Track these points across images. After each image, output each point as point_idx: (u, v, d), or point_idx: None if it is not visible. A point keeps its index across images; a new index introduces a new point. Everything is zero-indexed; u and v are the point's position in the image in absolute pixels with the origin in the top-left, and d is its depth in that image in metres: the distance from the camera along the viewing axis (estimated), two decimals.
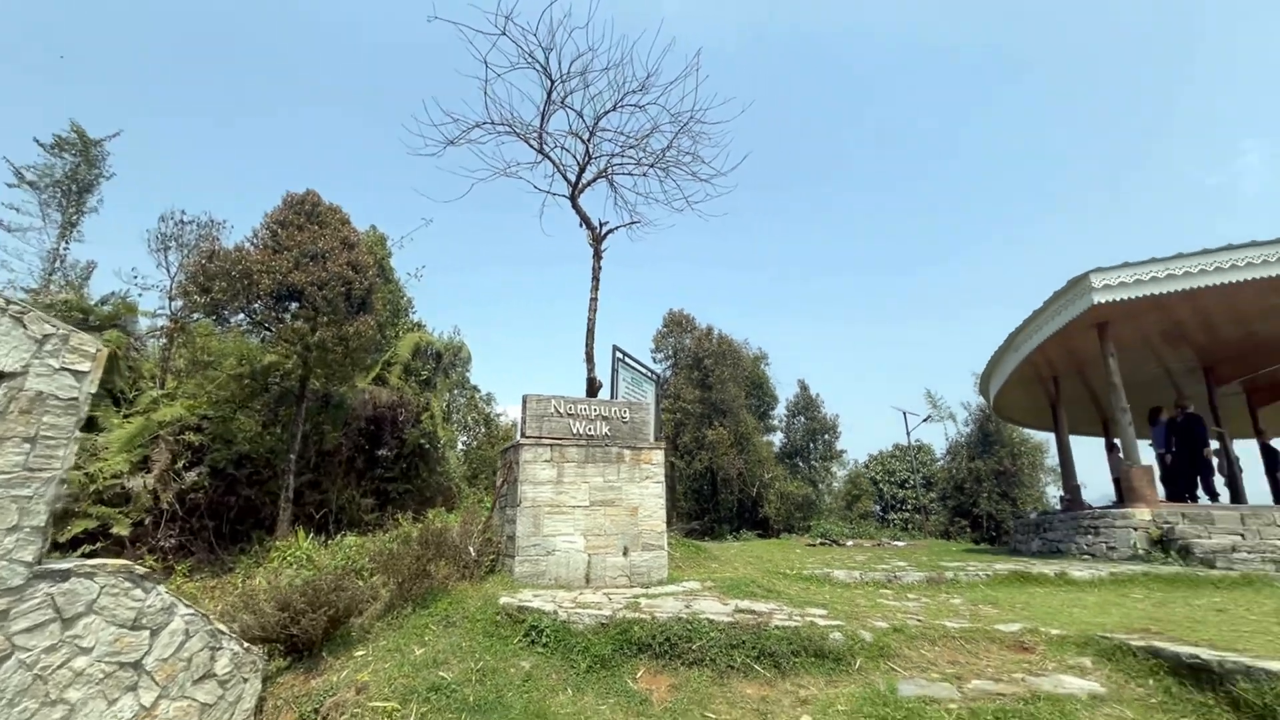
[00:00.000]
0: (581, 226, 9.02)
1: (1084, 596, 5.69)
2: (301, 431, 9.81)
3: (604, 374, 8.29)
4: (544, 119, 8.67)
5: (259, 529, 9.40)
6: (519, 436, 6.25)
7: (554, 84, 8.40)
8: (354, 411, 12.06)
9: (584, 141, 8.88)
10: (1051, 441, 17.19)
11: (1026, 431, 19.25)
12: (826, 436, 24.20)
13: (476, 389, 18.65)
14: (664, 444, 7.31)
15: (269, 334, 10.26)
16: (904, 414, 23.18)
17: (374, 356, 13.21)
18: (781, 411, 24.94)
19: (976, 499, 19.07)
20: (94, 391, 3.53)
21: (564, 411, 6.34)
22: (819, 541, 14.20)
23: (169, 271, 11.88)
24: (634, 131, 9.02)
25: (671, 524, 17.51)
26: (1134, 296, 8.44)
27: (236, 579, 7.51)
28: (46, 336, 3.34)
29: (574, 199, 8.96)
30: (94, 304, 11.00)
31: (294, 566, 7.20)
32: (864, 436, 76.14)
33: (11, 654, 2.97)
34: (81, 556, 6.92)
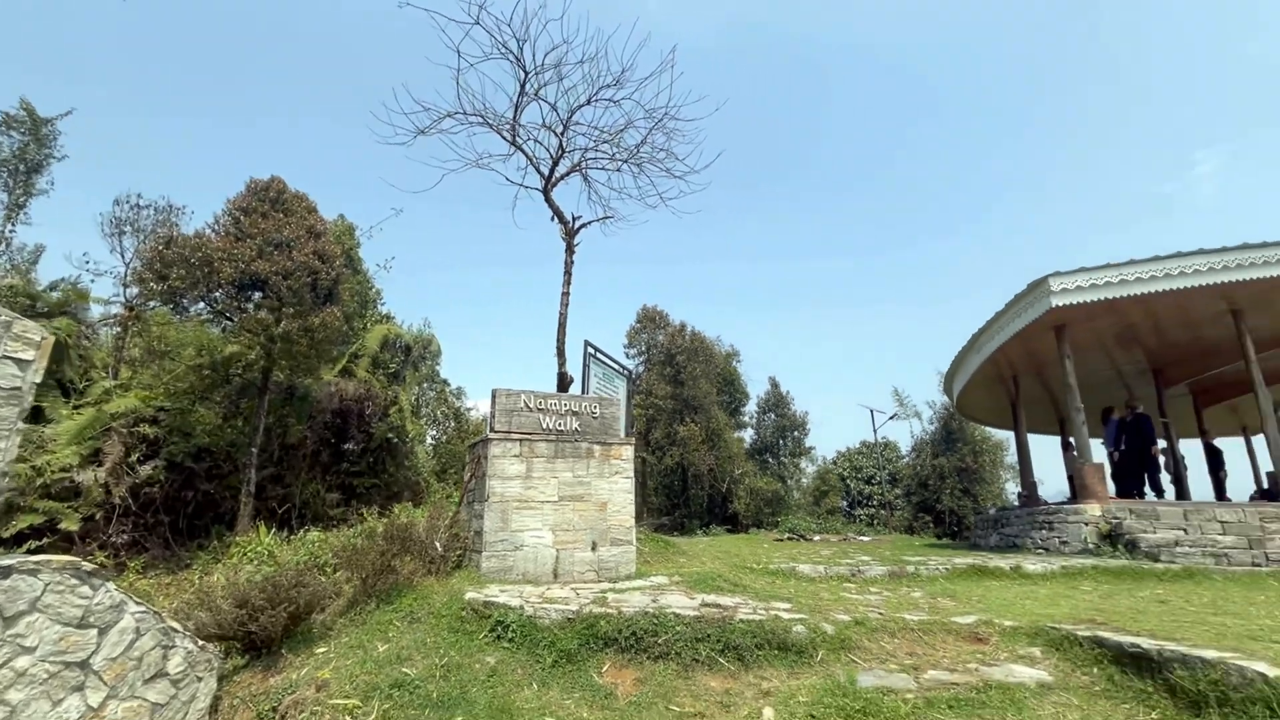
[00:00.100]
0: (554, 220, 8.97)
1: (1037, 589, 5.89)
2: (264, 424, 9.57)
3: (576, 369, 8.27)
4: (517, 111, 8.58)
5: (219, 524, 9.15)
6: (488, 431, 6.19)
7: (528, 76, 8.32)
8: (319, 404, 11.81)
9: (557, 135, 8.82)
10: (1011, 440, 17.73)
11: (988, 430, 19.79)
12: (796, 433, 24.55)
13: (446, 383, 18.42)
14: (634, 440, 7.33)
15: (230, 324, 9.97)
16: (871, 412, 23.66)
17: (341, 348, 12.93)
18: (753, 408, 25.22)
19: (940, 495, 19.56)
20: (39, 381, 3.39)
21: (534, 406, 6.31)
22: (787, 537, 14.41)
23: (124, 257, 11.46)
24: (608, 126, 8.99)
25: (642, 519, 17.57)
26: (1090, 300, 8.74)
27: (193, 576, 7.30)
28: None
29: (547, 192, 8.90)
30: (42, 290, 10.54)
31: (254, 562, 7.03)
32: (833, 433, 77.46)
33: None
34: (26, 553, 6.65)
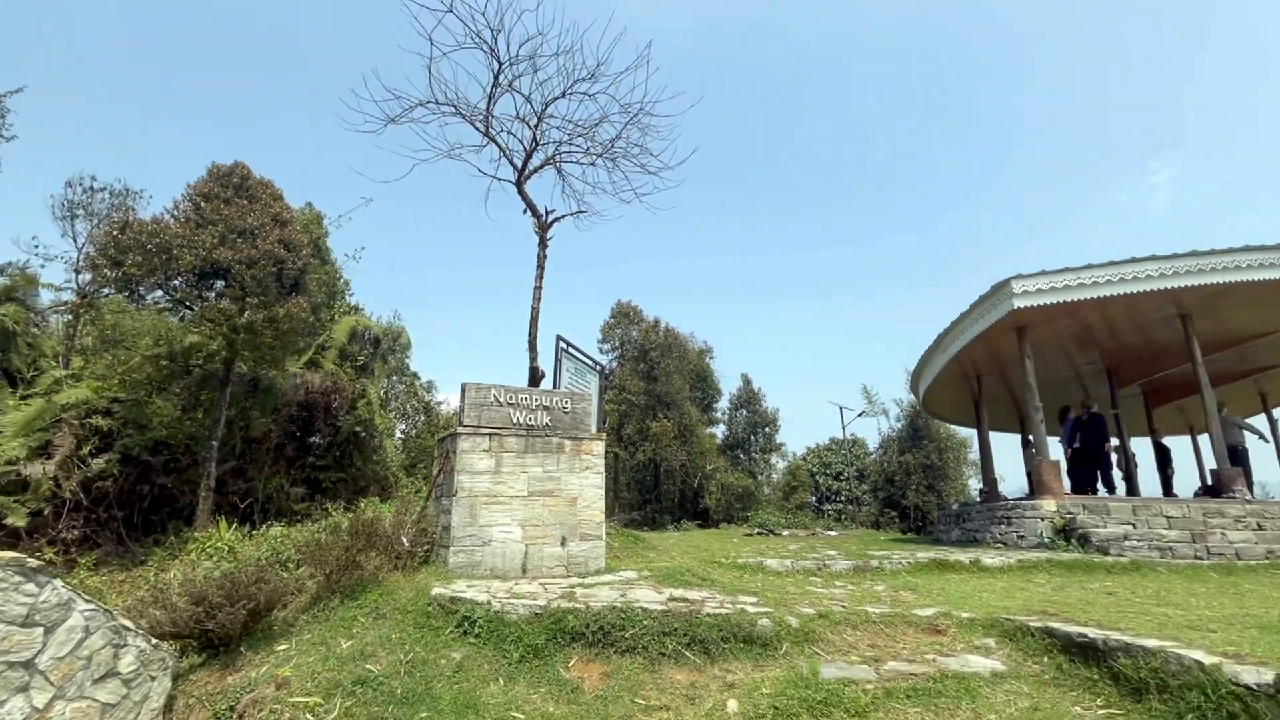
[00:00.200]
0: (526, 213, 8.88)
1: (994, 582, 6.09)
2: (226, 417, 9.30)
3: (548, 364, 8.23)
4: (490, 102, 8.47)
5: (176, 520, 8.88)
6: (457, 426, 6.13)
7: (502, 66, 8.21)
8: (284, 397, 11.53)
9: (531, 128, 8.73)
10: (975, 437, 18.24)
11: (952, 427, 20.30)
12: (767, 429, 24.84)
13: (416, 376, 18.17)
14: (605, 435, 7.33)
15: (190, 313, 9.66)
16: (840, 409, 24.06)
17: (307, 340, 12.63)
18: (725, 404, 25.42)
19: (905, 491, 20.01)
20: None
21: (504, 401, 6.26)
22: (756, 531, 14.59)
23: (76, 242, 11.01)
24: (583, 120, 8.93)
25: (613, 514, 17.61)
26: (1049, 303, 9.02)
27: (149, 572, 7.08)
28: None
29: (520, 185, 8.80)
30: None
31: (213, 558, 6.85)
32: (803, 430, 78.62)
33: None
34: None
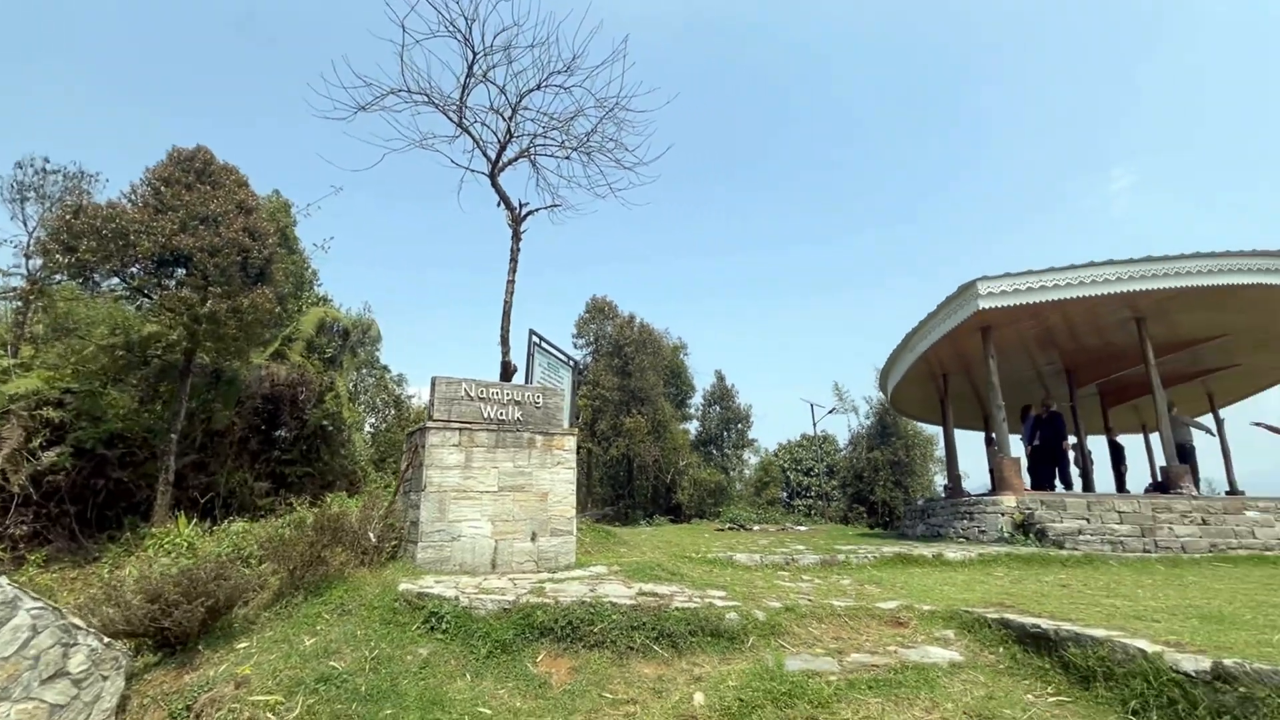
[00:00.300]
0: (500, 206, 8.80)
1: (955, 575, 6.25)
2: (186, 409, 9.03)
3: (521, 359, 8.18)
4: (464, 92, 8.35)
5: (133, 515, 8.60)
6: (427, 420, 6.06)
7: (476, 56, 8.10)
8: (249, 389, 11.24)
9: (505, 119, 8.64)
10: (941, 434, 18.70)
11: (920, 425, 20.76)
12: (740, 425, 25.07)
13: (387, 369, 17.88)
14: (577, 430, 7.32)
15: (149, 302, 9.34)
16: (811, 406, 24.41)
17: (273, 331, 12.33)
18: (698, 400, 25.59)
19: (873, 487, 20.41)
20: None
21: (475, 395, 6.20)
22: (728, 526, 14.74)
23: (26, 226, 10.54)
24: (558, 113, 8.87)
25: (586, 509, 17.60)
26: (1013, 304, 9.28)
27: (102, 569, 6.86)
28: None
29: (493, 177, 8.71)
30: None
31: (172, 555, 6.66)
32: (775, 426, 79.63)
33: None
34: None
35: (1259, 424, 11.35)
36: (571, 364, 8.87)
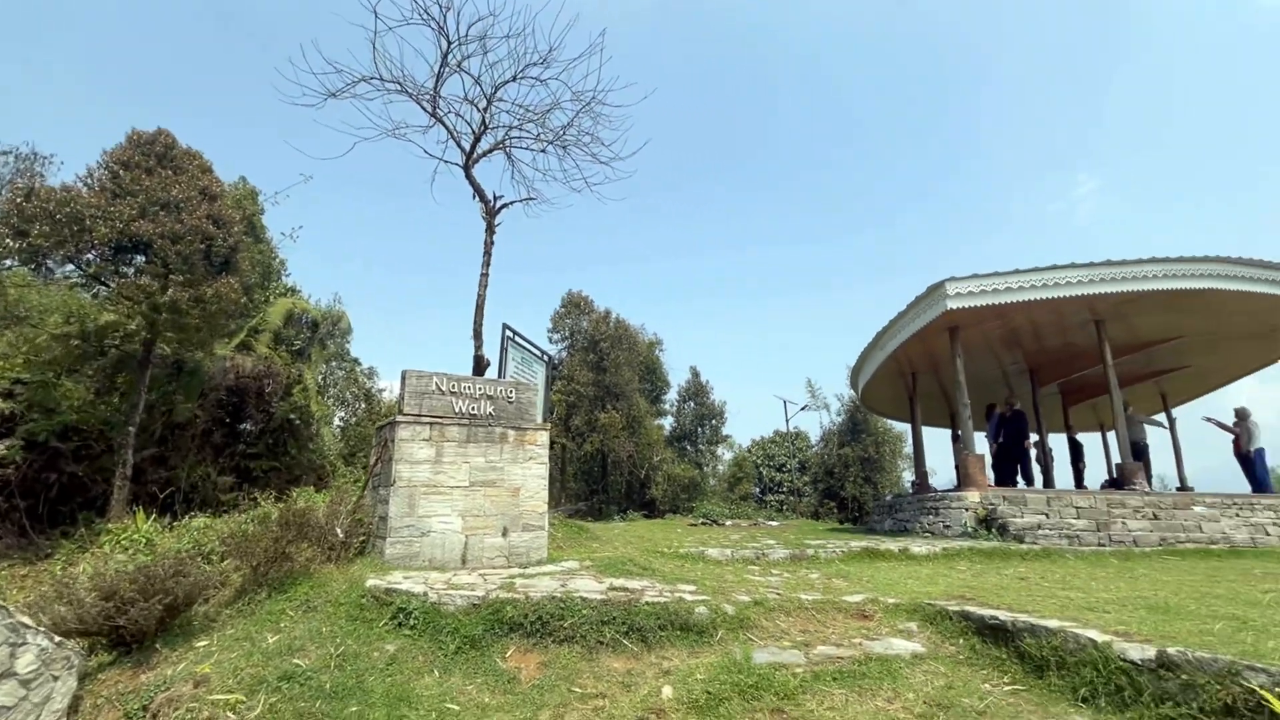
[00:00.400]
0: (475, 198, 8.69)
1: (920, 569, 6.40)
2: (145, 401, 8.75)
3: (494, 353, 8.10)
4: (438, 81, 8.22)
5: (88, 510, 8.31)
6: (398, 414, 5.98)
7: (450, 46, 7.97)
8: (212, 380, 10.95)
9: (480, 110, 8.52)
10: (909, 431, 19.09)
11: (889, 422, 21.17)
12: (714, 421, 25.24)
13: (357, 362, 17.57)
14: (550, 425, 7.30)
15: (106, 290, 9.01)
16: (784, 402, 24.70)
17: (239, 321, 12.01)
18: (673, 396, 25.68)
19: (844, 482, 20.76)
20: None
21: (446, 389, 6.14)
22: (700, 522, 14.83)
23: None
24: (534, 106, 8.79)
25: (559, 505, 17.56)
26: (980, 305, 9.50)
27: (54, 566, 6.61)
28: None
29: (468, 169, 8.59)
30: None
31: (129, 551, 6.46)
32: (749, 422, 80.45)
33: None
34: None
35: (1209, 419, 11.86)
36: (546, 359, 8.83)
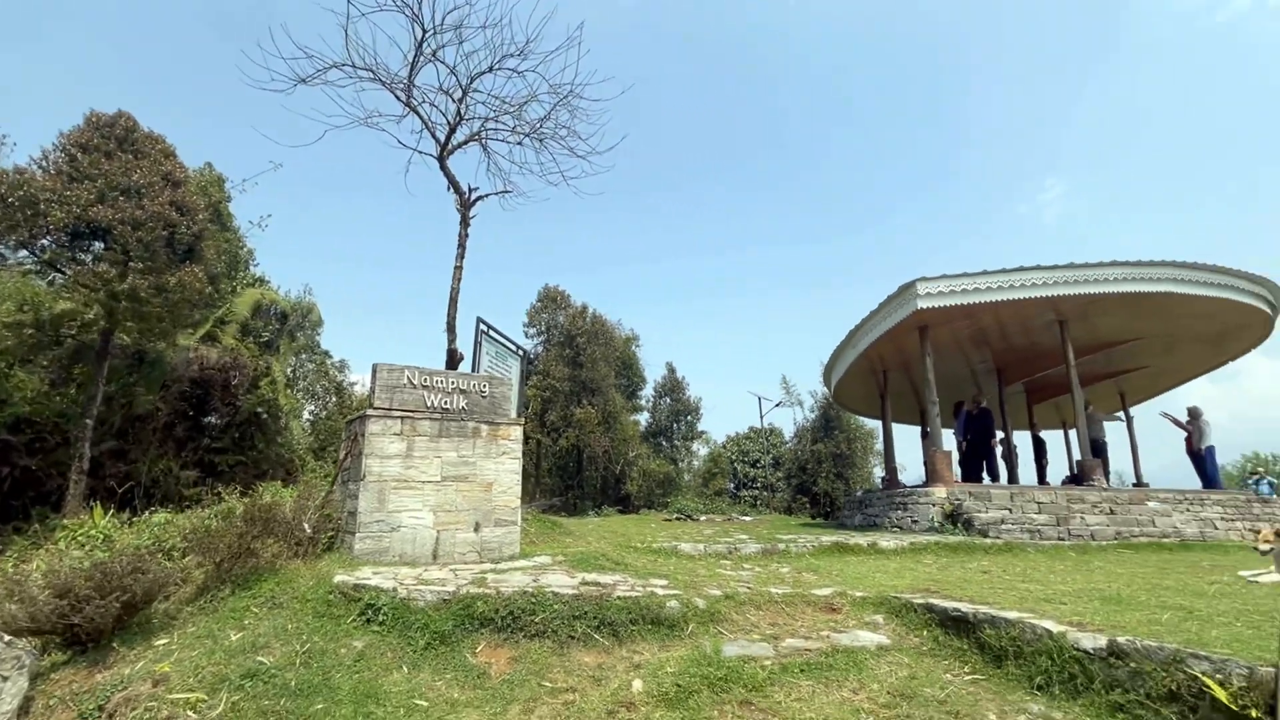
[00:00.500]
0: (449, 190, 8.57)
1: (887, 563, 6.54)
2: (103, 393, 8.48)
3: (468, 347, 8.02)
4: (413, 70, 8.07)
5: (42, 505, 8.05)
6: (368, 408, 5.89)
7: (425, 34, 7.84)
8: (175, 372, 10.65)
9: (455, 101, 8.40)
10: (880, 428, 19.43)
11: (861, 418, 21.51)
12: (689, 417, 25.38)
13: (328, 354, 17.23)
14: (524, 420, 7.26)
15: (62, 277, 8.69)
16: (759, 399, 24.94)
17: (203, 312, 11.70)
18: (649, 392, 25.75)
19: (816, 478, 21.05)
20: None
21: (418, 383, 6.06)
22: (675, 517, 14.92)
23: None
24: (510, 98, 8.69)
25: (534, 500, 17.49)
26: (949, 304, 9.70)
27: (6, 563, 6.37)
28: None
29: (442, 160, 8.47)
30: None
31: (85, 547, 6.26)
32: (724, 418, 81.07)
33: None
34: None
35: (1165, 415, 12.34)
36: (520, 353, 8.77)
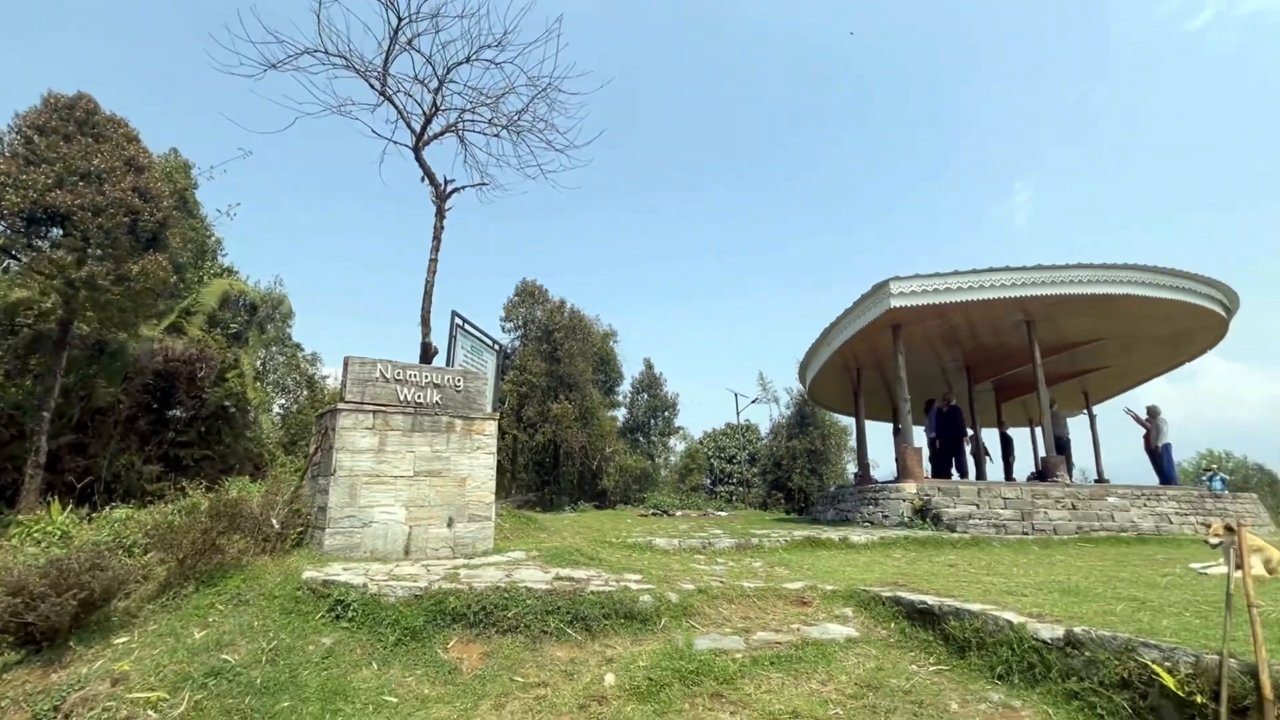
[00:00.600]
0: (424, 181, 8.44)
1: (858, 557, 6.65)
2: (61, 384, 8.21)
3: (442, 341, 7.93)
4: (388, 59, 7.92)
5: None
6: (339, 402, 5.80)
7: (401, 22, 7.69)
8: (138, 364, 10.36)
9: (431, 91, 8.26)
10: (854, 425, 19.71)
11: (835, 415, 21.82)
12: (667, 413, 25.47)
13: (299, 347, 16.93)
14: (500, 415, 7.21)
15: (18, 264, 8.38)
16: (735, 395, 25.13)
17: (168, 302, 11.39)
18: (627, 388, 25.76)
19: (791, 474, 21.32)
20: None
21: (391, 376, 5.98)
22: (651, 512, 14.96)
23: None
24: (487, 89, 8.59)
25: (510, 495, 17.39)
26: (922, 304, 9.88)
27: None
28: None
29: (418, 151, 8.33)
30: None
31: (41, 544, 6.04)
32: (702, 415, 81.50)
33: None
34: None
35: (1128, 411, 12.76)
36: (496, 348, 8.70)
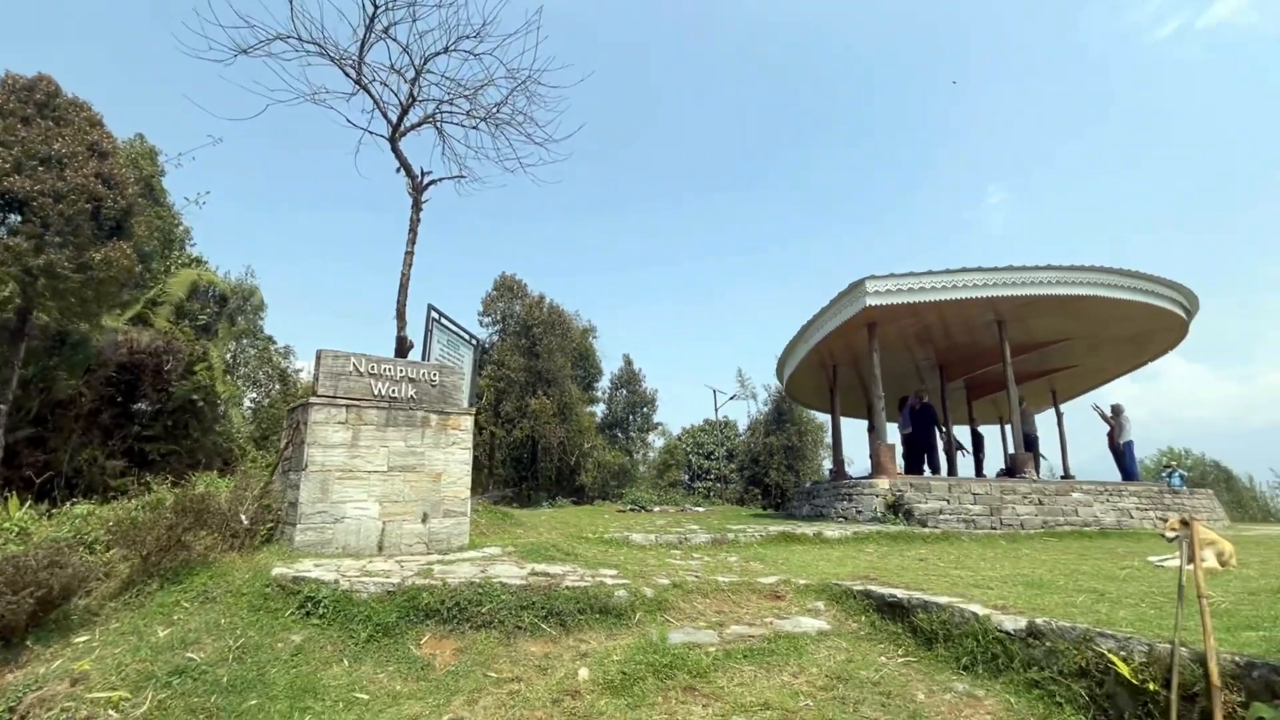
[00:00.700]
0: (400, 172, 8.32)
1: (831, 552, 6.75)
2: (19, 376, 7.94)
3: (419, 335, 7.84)
4: (363, 47, 7.77)
5: None
6: (311, 395, 5.70)
7: (377, 10, 7.56)
8: (101, 356, 10.06)
9: (408, 81, 8.14)
10: (830, 421, 19.95)
11: (812, 412, 22.04)
12: (645, 409, 25.51)
13: (271, 340, 16.60)
14: (477, 410, 7.16)
15: None
16: (714, 391, 25.27)
17: (133, 292, 11.08)
18: (606, 384, 25.74)
19: (768, 470, 21.50)
20: None
21: (365, 370, 5.89)
22: (629, 508, 14.98)
23: None
24: (466, 80, 8.48)
25: (487, 491, 17.29)
26: (897, 303, 10.03)
27: None
28: None
29: (394, 142, 8.20)
30: None
31: None
32: (681, 411, 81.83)
33: None
34: None
35: (1095, 407, 13.14)
36: (473, 342, 8.63)
